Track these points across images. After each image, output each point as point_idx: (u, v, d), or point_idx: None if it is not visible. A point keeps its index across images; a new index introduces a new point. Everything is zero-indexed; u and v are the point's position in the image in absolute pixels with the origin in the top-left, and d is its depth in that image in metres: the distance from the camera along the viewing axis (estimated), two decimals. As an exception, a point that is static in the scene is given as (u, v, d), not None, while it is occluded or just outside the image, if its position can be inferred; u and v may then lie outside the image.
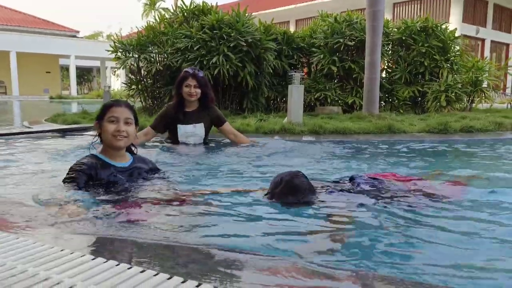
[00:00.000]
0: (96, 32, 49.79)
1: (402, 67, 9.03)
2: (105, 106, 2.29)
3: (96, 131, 2.35)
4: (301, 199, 1.95)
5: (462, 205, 2.03)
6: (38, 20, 32.37)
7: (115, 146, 2.26)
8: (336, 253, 1.47)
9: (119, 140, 2.23)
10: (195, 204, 2.05)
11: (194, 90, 3.94)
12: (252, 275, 1.15)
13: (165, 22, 8.87)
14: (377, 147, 4.62)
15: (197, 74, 3.95)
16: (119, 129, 2.21)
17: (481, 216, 1.88)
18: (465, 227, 1.74)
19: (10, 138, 5.14)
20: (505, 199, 2.07)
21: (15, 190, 2.42)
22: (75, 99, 24.59)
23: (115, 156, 2.31)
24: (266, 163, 3.38)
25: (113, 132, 2.21)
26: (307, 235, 1.66)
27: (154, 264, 1.18)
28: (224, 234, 1.63)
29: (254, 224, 1.79)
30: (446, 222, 1.82)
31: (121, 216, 1.75)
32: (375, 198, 2.00)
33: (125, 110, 2.27)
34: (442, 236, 1.64)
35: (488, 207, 1.99)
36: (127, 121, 2.25)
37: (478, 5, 20.09)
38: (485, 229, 1.71)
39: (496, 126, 5.63)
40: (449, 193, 2.15)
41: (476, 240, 1.62)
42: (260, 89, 8.25)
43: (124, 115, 2.25)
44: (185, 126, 3.98)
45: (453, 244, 1.56)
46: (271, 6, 23.51)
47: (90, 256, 1.18)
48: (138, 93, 8.84)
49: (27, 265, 1.13)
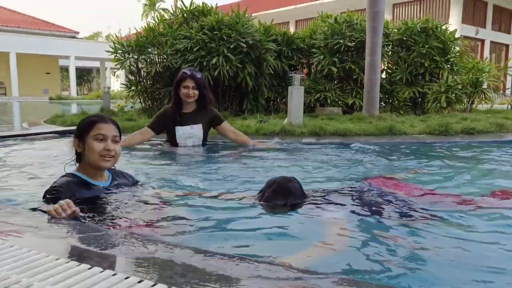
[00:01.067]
0: (95, 33, 49.73)
1: (402, 68, 9.00)
2: (89, 122, 2.04)
3: (74, 149, 2.08)
4: (289, 202, 1.97)
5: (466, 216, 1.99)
6: (37, 21, 32.35)
7: (102, 167, 2.04)
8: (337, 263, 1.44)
9: (107, 161, 2.02)
10: (190, 209, 2.02)
11: (192, 92, 3.91)
12: (252, 284, 1.12)
13: (164, 23, 8.85)
14: (380, 148, 4.59)
15: (195, 75, 3.93)
16: (108, 148, 1.99)
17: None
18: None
19: (8, 140, 5.11)
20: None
21: (9, 193, 2.39)
22: (75, 100, 24.57)
23: (95, 175, 2.07)
24: (263, 167, 3.36)
25: (101, 152, 1.99)
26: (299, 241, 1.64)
27: (152, 274, 1.15)
28: (220, 241, 1.61)
29: (252, 231, 1.77)
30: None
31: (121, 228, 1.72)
32: (369, 206, 1.97)
33: (112, 127, 2.05)
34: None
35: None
36: (115, 139, 2.04)
37: (478, 6, 20.08)
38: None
39: (497, 128, 5.60)
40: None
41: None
42: (260, 90, 8.23)
43: (112, 133, 2.03)
44: (183, 128, 3.96)
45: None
46: (271, 6, 23.49)
47: (86, 266, 1.15)
48: (137, 94, 8.82)
49: (21, 275, 1.10)
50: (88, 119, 2.08)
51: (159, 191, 2.32)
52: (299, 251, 1.52)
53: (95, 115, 2.13)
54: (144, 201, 2.07)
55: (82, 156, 2.04)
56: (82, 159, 2.06)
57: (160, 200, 2.14)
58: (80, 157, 2.06)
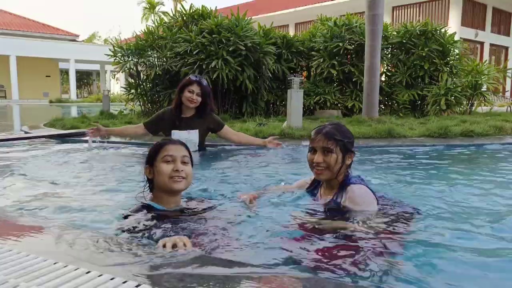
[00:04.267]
0: (92, 34, 49.63)
1: (401, 71, 9.02)
2: (157, 146, 1.96)
3: (146, 177, 1.99)
4: (347, 140, 2.00)
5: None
6: (37, 24, 32.42)
7: (174, 189, 1.91)
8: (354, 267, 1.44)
9: (178, 182, 1.90)
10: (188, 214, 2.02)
11: (196, 97, 3.92)
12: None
13: (163, 26, 8.87)
14: (380, 152, 4.59)
15: (202, 82, 3.95)
16: (177, 168, 1.89)
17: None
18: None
19: (7, 144, 5.12)
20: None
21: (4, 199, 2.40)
22: (75, 103, 24.62)
23: (170, 202, 1.95)
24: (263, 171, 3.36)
25: (170, 173, 1.88)
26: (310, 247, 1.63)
27: (150, 279, 1.15)
28: (220, 245, 1.61)
29: (251, 235, 1.76)
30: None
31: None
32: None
33: (181, 148, 1.96)
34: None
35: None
36: (184, 160, 1.94)
37: (477, 8, 20.11)
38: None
39: (496, 131, 5.61)
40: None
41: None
42: (260, 93, 8.25)
43: (181, 153, 1.94)
44: (180, 132, 3.96)
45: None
46: (270, 9, 23.53)
47: (84, 270, 1.16)
48: (137, 97, 8.83)
49: (19, 280, 1.10)
50: (156, 143, 2.00)
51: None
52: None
53: (164, 139, 2.04)
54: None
55: (154, 183, 1.95)
56: (154, 187, 1.96)
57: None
58: (153, 184, 1.97)
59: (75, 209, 2.12)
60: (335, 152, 1.97)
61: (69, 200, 2.36)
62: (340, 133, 2.01)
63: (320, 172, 2.00)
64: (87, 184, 2.84)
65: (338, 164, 1.97)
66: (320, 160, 1.98)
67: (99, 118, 7.80)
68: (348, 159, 2.02)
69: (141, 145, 4.91)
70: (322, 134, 2.00)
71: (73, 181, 2.93)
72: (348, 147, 2.01)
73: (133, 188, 2.43)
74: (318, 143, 2.00)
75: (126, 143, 5.16)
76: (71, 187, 2.74)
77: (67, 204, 2.23)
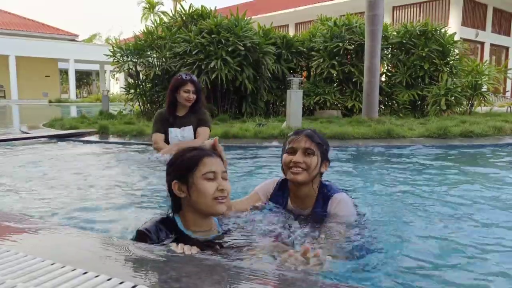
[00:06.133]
0: (92, 35, 49.59)
1: (401, 71, 9.02)
2: (192, 158, 1.56)
3: (173, 194, 1.58)
4: (325, 147, 1.96)
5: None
6: (37, 24, 32.40)
7: (218, 213, 1.58)
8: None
9: (222, 203, 1.55)
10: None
11: (192, 96, 3.93)
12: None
13: (163, 26, 8.87)
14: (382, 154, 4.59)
15: (194, 80, 3.96)
16: (222, 188, 1.54)
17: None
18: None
19: (6, 145, 5.11)
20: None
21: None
22: (74, 103, 24.61)
23: (202, 225, 1.59)
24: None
25: (215, 193, 1.52)
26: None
27: (147, 279, 1.15)
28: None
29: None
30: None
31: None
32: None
33: (219, 161, 1.60)
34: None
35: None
36: (224, 176, 1.58)
37: (477, 8, 20.11)
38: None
39: (495, 131, 5.61)
40: None
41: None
42: (259, 93, 8.24)
43: (221, 168, 1.58)
44: (175, 130, 3.99)
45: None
46: (270, 9, 23.51)
47: (81, 271, 1.15)
48: (136, 97, 8.82)
49: (17, 280, 1.10)
50: (188, 154, 1.59)
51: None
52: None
53: (192, 149, 1.62)
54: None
55: (183, 202, 1.58)
56: (182, 206, 1.59)
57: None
58: (179, 203, 1.59)
59: (74, 210, 2.12)
60: (316, 155, 1.90)
61: (68, 201, 2.35)
62: (320, 139, 1.95)
63: (297, 172, 1.89)
64: (84, 185, 2.83)
65: (317, 168, 1.90)
66: (300, 160, 1.88)
67: (98, 118, 7.79)
68: (323, 167, 1.95)
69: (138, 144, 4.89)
70: (304, 135, 1.93)
71: (71, 181, 2.92)
72: (325, 154, 1.96)
73: (133, 187, 2.43)
74: (300, 143, 1.91)
75: (125, 143, 5.15)
76: (69, 187, 2.74)
77: (65, 205, 2.22)
